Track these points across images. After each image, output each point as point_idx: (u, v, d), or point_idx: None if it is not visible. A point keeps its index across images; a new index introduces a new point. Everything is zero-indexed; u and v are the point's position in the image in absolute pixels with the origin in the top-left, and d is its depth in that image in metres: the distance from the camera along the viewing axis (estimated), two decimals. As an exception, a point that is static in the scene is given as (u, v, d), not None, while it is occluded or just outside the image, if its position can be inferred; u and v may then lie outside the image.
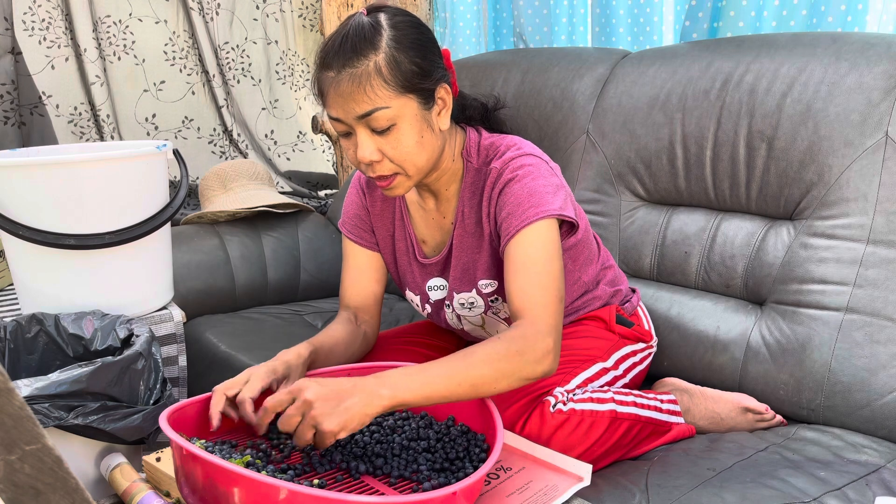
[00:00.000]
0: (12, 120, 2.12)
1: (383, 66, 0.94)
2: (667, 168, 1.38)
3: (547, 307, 0.95)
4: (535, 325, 0.93)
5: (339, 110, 0.97)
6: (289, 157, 2.63)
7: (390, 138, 0.97)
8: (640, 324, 1.26)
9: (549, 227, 1.00)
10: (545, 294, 0.96)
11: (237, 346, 1.52)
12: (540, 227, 0.99)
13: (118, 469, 0.93)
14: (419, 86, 0.97)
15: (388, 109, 0.95)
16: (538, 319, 0.94)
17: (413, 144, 0.99)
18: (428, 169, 1.04)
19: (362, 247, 1.21)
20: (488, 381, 0.89)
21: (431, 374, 0.87)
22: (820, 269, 1.16)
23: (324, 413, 0.80)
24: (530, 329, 0.93)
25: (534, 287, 0.96)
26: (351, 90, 0.94)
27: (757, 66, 1.27)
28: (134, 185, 1.32)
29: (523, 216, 0.99)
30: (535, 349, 0.91)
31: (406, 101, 0.96)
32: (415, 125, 0.98)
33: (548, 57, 1.67)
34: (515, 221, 1.00)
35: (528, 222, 0.99)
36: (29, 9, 2.16)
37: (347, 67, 0.94)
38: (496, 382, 0.89)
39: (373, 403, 0.82)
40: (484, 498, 0.85)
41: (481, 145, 1.09)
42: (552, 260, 0.99)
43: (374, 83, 0.94)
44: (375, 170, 1.00)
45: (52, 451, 0.45)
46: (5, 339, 1.17)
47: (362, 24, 0.96)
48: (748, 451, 1.04)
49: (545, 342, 0.92)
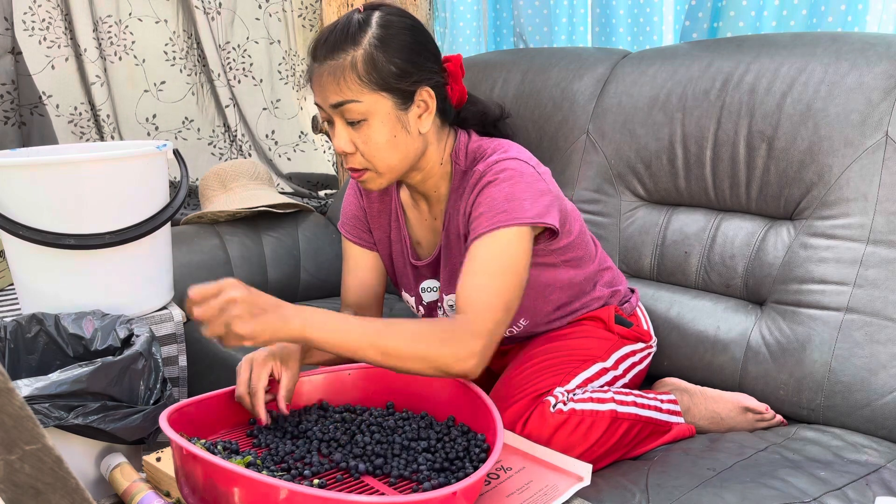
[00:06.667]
0: (12, 120, 2.12)
1: (359, 62, 0.98)
2: (667, 168, 1.38)
3: (489, 311, 0.94)
4: (471, 324, 0.93)
5: (320, 98, 1.02)
6: (290, 157, 2.63)
7: (361, 133, 1.00)
8: (639, 324, 1.26)
9: (519, 236, 0.99)
10: (492, 299, 0.95)
11: (237, 346, 1.52)
12: (507, 234, 0.98)
13: (118, 469, 0.93)
14: (394, 86, 0.99)
15: (359, 104, 0.98)
16: (475, 320, 0.93)
17: (383, 143, 1.01)
18: (402, 169, 1.05)
19: (361, 247, 1.22)
20: (400, 356, 0.89)
21: (347, 327, 0.89)
22: (820, 269, 1.16)
23: (241, 316, 0.83)
24: (464, 326, 0.93)
25: (483, 289, 0.96)
26: (328, 80, 0.99)
27: (757, 66, 1.27)
28: (134, 185, 1.32)
29: (493, 220, 0.98)
30: (461, 346, 0.91)
31: (379, 99, 0.99)
32: (387, 123, 1.00)
33: (548, 57, 1.67)
34: (485, 222, 0.99)
35: (497, 226, 0.98)
36: (29, 9, 2.16)
37: (329, 59, 0.99)
38: (408, 360, 0.90)
39: (284, 328, 0.86)
40: (484, 498, 0.85)
41: (469, 148, 1.10)
42: (511, 268, 0.97)
43: (349, 77, 0.98)
44: (348, 161, 1.04)
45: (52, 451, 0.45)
46: (5, 339, 1.17)
47: (351, 20, 1.00)
48: (748, 450, 1.04)
49: (473, 343, 0.91)
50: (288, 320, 0.86)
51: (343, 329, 0.88)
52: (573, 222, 1.14)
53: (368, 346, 0.89)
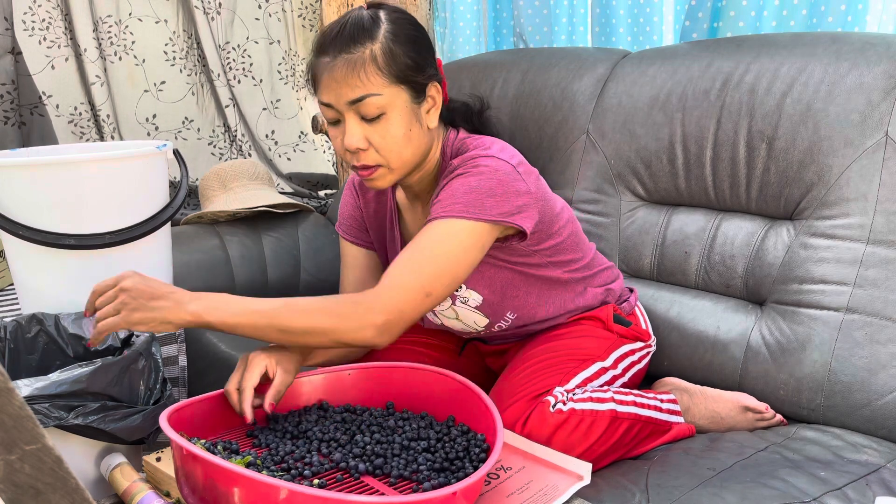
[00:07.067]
0: (12, 120, 2.12)
1: (379, 55, 0.97)
2: (667, 168, 1.38)
3: (403, 289, 0.95)
4: (376, 299, 0.94)
5: (332, 94, 0.99)
6: (289, 157, 2.63)
7: (378, 127, 0.99)
8: (637, 323, 1.26)
9: (470, 231, 0.98)
10: (412, 279, 0.95)
11: (237, 346, 1.52)
12: (457, 225, 0.98)
13: (118, 469, 0.93)
14: (412, 78, 1.00)
15: (379, 97, 0.97)
16: (383, 296, 0.95)
17: (400, 136, 1.00)
18: (412, 165, 1.05)
19: (359, 246, 1.23)
20: (298, 331, 0.92)
21: (244, 308, 0.91)
22: (820, 269, 1.16)
23: (131, 305, 0.87)
24: (370, 298, 0.94)
25: (407, 269, 0.96)
26: (345, 75, 0.97)
27: (757, 66, 1.27)
28: (134, 185, 1.32)
29: (449, 208, 0.98)
30: (360, 317, 0.92)
31: (398, 92, 0.99)
32: (404, 117, 1.00)
33: (548, 57, 1.67)
34: (438, 209, 0.99)
35: (449, 215, 0.98)
36: (29, 9, 2.16)
37: (343, 53, 0.97)
38: (307, 335, 0.92)
39: (178, 314, 0.88)
40: (484, 498, 0.85)
41: (454, 145, 1.10)
42: (448, 258, 0.97)
43: (369, 69, 0.97)
44: (360, 158, 1.01)
45: (52, 451, 0.45)
46: (5, 339, 1.17)
47: (362, 17, 1.00)
48: (748, 450, 1.04)
49: (374, 316, 0.93)
50: (181, 308, 0.88)
51: (242, 311, 0.91)
52: (563, 224, 1.14)
53: (266, 326, 0.92)
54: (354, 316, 0.93)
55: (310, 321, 0.92)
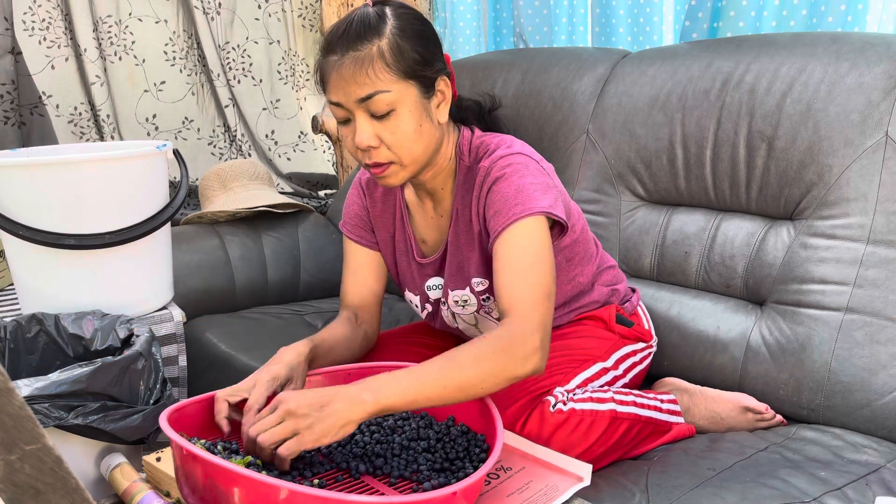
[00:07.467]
0: (12, 120, 2.12)
1: (386, 51, 0.96)
2: (667, 168, 1.38)
3: (534, 304, 0.94)
4: (522, 323, 0.93)
5: (341, 93, 0.98)
6: (289, 157, 2.63)
7: (389, 124, 0.98)
8: (639, 323, 1.26)
9: (537, 225, 0.99)
10: (532, 291, 0.95)
11: (237, 346, 1.52)
12: (527, 225, 0.99)
13: (118, 469, 0.93)
14: (420, 73, 0.99)
15: (388, 93, 0.97)
16: (525, 317, 0.93)
17: (411, 132, 0.99)
18: (424, 161, 1.04)
19: (363, 246, 1.22)
20: (475, 383, 0.88)
21: (416, 378, 0.86)
22: (820, 269, 1.16)
23: (305, 423, 0.80)
24: (517, 327, 0.92)
25: (521, 284, 0.96)
26: (353, 72, 0.96)
27: (757, 66, 1.27)
28: (134, 185, 1.32)
29: (510, 213, 0.99)
30: (522, 347, 0.90)
31: (406, 87, 0.98)
32: (414, 112, 0.99)
33: (548, 57, 1.67)
34: (502, 219, 0.99)
35: (514, 219, 0.98)
36: (29, 9, 2.16)
37: (351, 51, 0.96)
38: (483, 383, 0.88)
39: (356, 409, 0.81)
40: (484, 498, 0.85)
41: (472, 143, 1.10)
42: (540, 257, 0.98)
43: (377, 66, 0.96)
44: (372, 156, 1.01)
45: (52, 451, 0.45)
46: (5, 339, 1.17)
47: (368, 14, 0.99)
48: (748, 450, 1.04)
49: (532, 340, 0.91)
50: (356, 403, 0.82)
51: (414, 385, 0.85)
52: (576, 220, 1.15)
53: (443, 389, 0.86)
54: (515, 346, 0.90)
55: (480, 369, 0.88)
